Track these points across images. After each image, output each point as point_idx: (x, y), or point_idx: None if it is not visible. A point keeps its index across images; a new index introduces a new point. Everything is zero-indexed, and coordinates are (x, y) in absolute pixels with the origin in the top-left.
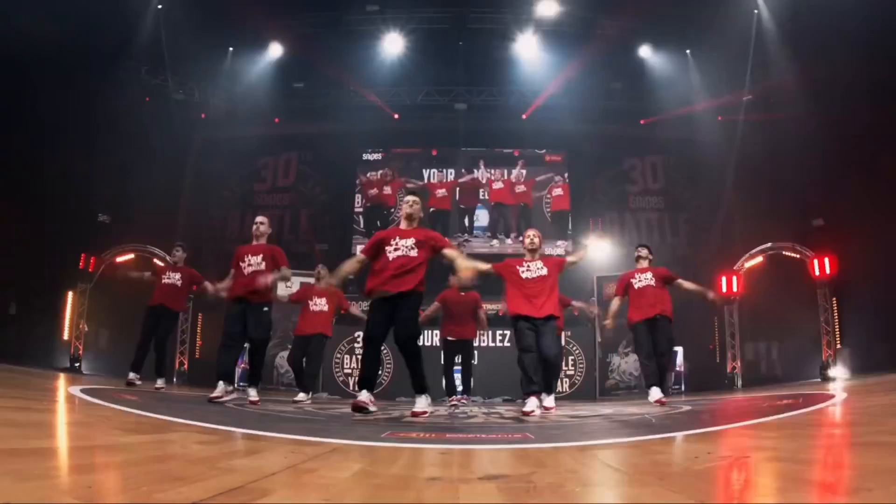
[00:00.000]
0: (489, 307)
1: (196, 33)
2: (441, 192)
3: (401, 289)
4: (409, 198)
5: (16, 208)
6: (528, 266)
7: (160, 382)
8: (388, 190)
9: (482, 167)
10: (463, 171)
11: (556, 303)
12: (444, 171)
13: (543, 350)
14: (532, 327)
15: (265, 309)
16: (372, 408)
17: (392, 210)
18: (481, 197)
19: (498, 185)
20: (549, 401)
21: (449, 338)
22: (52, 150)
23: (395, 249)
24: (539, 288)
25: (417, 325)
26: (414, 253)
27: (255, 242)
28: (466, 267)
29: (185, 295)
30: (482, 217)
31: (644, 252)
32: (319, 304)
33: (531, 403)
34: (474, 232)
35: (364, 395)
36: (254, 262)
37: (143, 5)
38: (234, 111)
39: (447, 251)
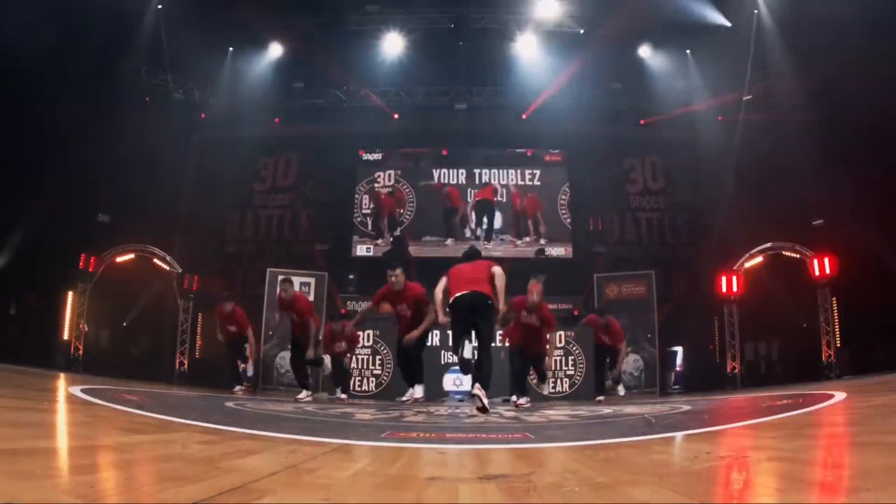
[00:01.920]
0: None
1: (196, 33)
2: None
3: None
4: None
5: (16, 208)
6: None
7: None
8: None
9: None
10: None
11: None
12: (450, 171)
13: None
14: None
15: None
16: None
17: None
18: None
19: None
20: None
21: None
22: (51, 149)
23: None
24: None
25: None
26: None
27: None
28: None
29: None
30: (496, 218)
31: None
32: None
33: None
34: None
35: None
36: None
37: (143, 5)
38: (234, 111)
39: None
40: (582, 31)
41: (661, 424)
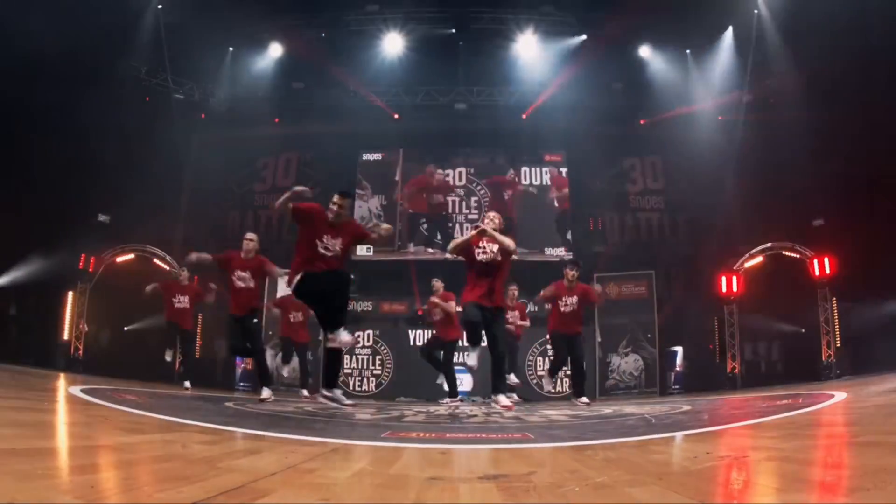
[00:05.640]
0: None
1: (196, 33)
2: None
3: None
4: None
5: (16, 208)
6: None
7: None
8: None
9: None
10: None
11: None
12: (451, 171)
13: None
14: None
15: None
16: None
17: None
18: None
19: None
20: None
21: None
22: (51, 149)
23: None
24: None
25: None
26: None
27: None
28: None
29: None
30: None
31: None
32: None
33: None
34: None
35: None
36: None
37: (143, 5)
38: (234, 111)
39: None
40: (583, 35)
41: (661, 424)
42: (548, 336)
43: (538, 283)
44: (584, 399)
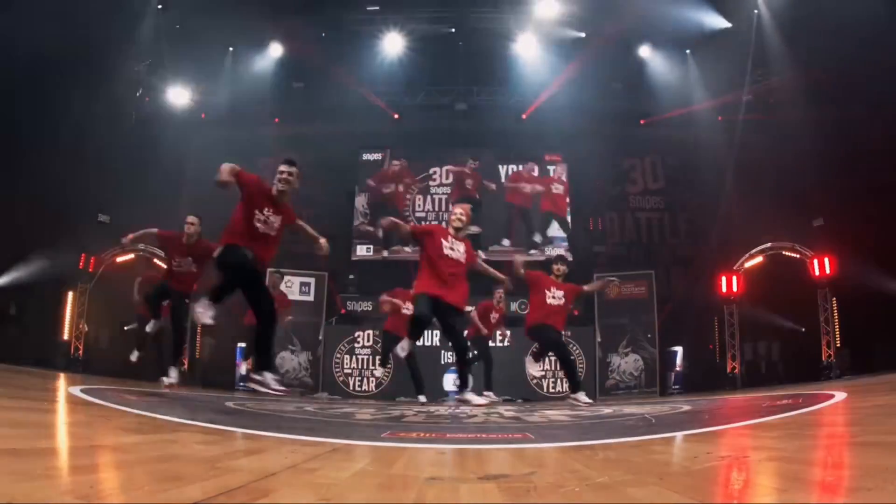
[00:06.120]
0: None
1: (196, 33)
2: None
3: None
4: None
5: (15, 208)
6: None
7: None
8: (398, 188)
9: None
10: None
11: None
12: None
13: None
14: None
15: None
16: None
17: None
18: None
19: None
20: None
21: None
22: (51, 149)
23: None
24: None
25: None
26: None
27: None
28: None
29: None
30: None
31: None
32: None
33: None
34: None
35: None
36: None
37: (143, 5)
38: (234, 111)
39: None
40: (583, 35)
41: (661, 424)
42: (526, 333)
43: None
44: (584, 396)
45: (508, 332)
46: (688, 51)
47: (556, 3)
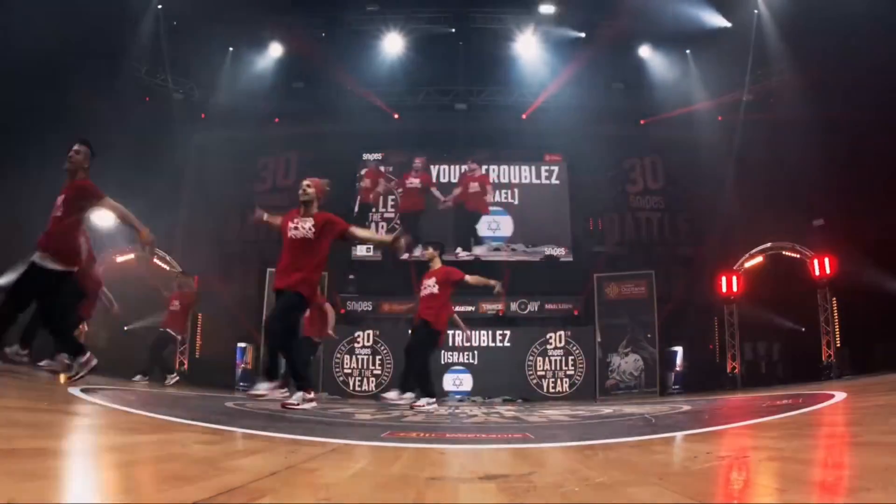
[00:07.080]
0: (489, 307)
1: (196, 33)
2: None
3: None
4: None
5: (15, 208)
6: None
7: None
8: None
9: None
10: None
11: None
12: (450, 167)
13: None
14: None
15: None
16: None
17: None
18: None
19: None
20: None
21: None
22: (51, 150)
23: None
24: None
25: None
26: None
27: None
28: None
29: None
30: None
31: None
32: None
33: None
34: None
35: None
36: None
37: (143, 5)
38: (234, 111)
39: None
40: (583, 35)
41: (661, 424)
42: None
43: (540, 283)
44: (392, 395)
45: (508, 332)
46: (688, 50)
47: (556, 2)
